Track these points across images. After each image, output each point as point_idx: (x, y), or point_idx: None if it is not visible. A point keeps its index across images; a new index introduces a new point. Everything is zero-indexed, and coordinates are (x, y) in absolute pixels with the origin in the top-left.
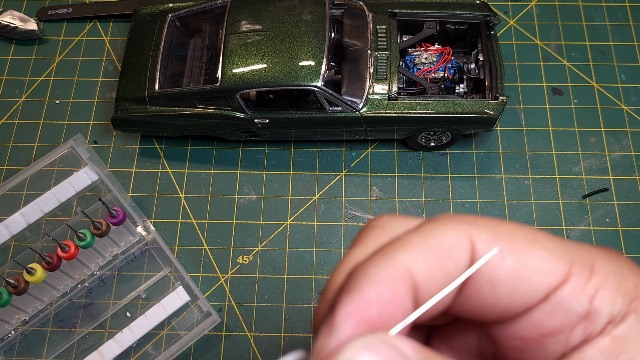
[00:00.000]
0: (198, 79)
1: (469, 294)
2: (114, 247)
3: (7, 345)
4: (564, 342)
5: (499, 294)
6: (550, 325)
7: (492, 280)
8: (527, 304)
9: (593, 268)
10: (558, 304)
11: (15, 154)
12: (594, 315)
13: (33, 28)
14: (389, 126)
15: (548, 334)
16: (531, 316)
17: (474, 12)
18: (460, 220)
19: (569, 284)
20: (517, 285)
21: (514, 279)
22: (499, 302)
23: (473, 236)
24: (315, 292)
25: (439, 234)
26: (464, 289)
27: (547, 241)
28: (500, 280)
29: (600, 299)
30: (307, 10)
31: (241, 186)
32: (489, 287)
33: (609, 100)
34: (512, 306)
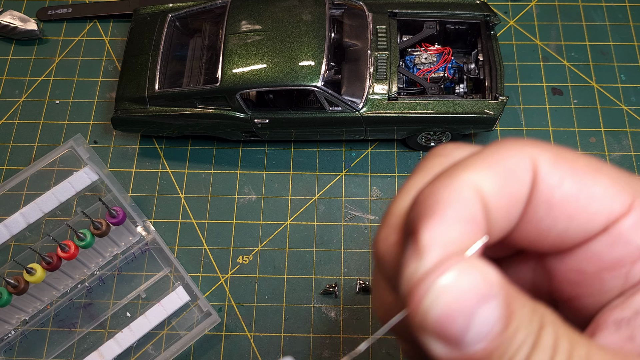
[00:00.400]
0: (198, 79)
1: (527, 217)
2: (114, 247)
3: (7, 345)
4: (623, 279)
5: (555, 217)
6: (610, 258)
7: (549, 202)
8: (585, 232)
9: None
10: (618, 235)
11: (15, 154)
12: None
13: (33, 28)
14: (389, 126)
15: (607, 268)
16: (589, 247)
17: (473, 12)
18: (523, 142)
19: (630, 216)
20: (575, 210)
21: (572, 202)
22: (555, 226)
23: (536, 157)
24: (315, 292)
25: (502, 154)
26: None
27: (611, 171)
28: (557, 202)
29: None
30: (307, 10)
31: (241, 186)
32: (545, 208)
33: (609, 100)
34: (569, 233)
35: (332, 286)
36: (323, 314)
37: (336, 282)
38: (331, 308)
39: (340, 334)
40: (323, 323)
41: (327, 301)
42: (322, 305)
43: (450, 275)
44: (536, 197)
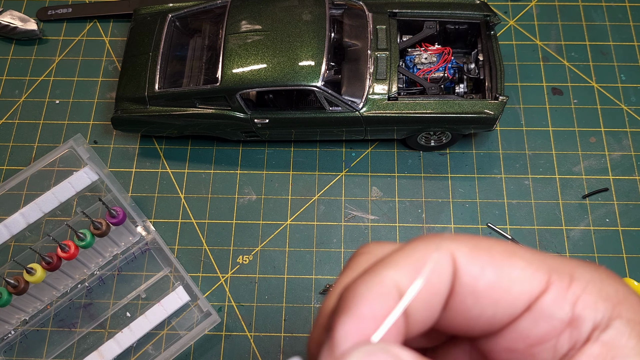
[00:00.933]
0: (198, 79)
1: (455, 306)
2: (114, 247)
3: (7, 345)
4: (552, 351)
5: (483, 304)
6: (537, 334)
7: (475, 292)
8: (511, 314)
9: (573, 276)
10: (541, 312)
11: (15, 154)
12: (578, 321)
13: (33, 28)
14: (389, 126)
15: (535, 343)
16: (517, 327)
17: (473, 12)
18: (440, 238)
19: (549, 292)
20: (499, 295)
21: (496, 289)
22: (483, 313)
23: (454, 250)
24: (315, 292)
25: (421, 251)
26: (449, 303)
27: (525, 253)
28: (482, 291)
29: (582, 305)
30: (307, 10)
31: (241, 186)
32: (472, 298)
33: (609, 100)
34: (497, 317)
35: (332, 286)
36: None
37: None
38: None
39: None
40: None
41: None
42: None
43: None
44: (460, 288)
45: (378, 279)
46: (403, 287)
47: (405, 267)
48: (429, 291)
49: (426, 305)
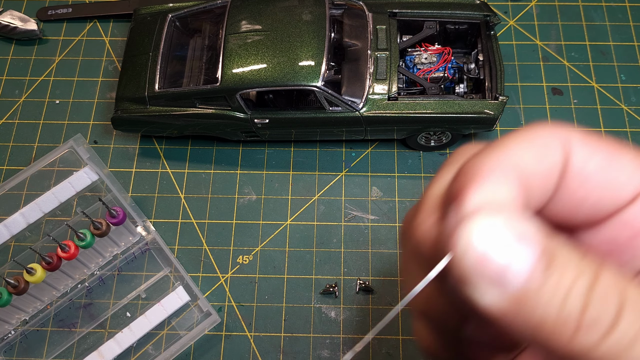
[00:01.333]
0: (198, 79)
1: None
2: (114, 247)
3: (7, 345)
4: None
5: (589, 187)
6: None
7: (582, 173)
8: (616, 201)
9: None
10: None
11: (15, 154)
12: None
13: (33, 28)
14: (389, 126)
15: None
16: (621, 217)
17: (473, 12)
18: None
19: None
20: (605, 180)
21: (603, 173)
22: (589, 195)
23: (566, 136)
24: (315, 292)
25: (535, 133)
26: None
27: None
28: (589, 174)
29: None
30: (307, 10)
31: (241, 186)
32: (580, 180)
33: (609, 100)
34: (602, 203)
35: (332, 286)
36: (323, 314)
37: (336, 282)
38: (331, 308)
39: (340, 334)
40: (323, 323)
41: (327, 301)
42: (322, 305)
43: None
44: (569, 171)
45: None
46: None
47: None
48: (544, 169)
49: (542, 183)
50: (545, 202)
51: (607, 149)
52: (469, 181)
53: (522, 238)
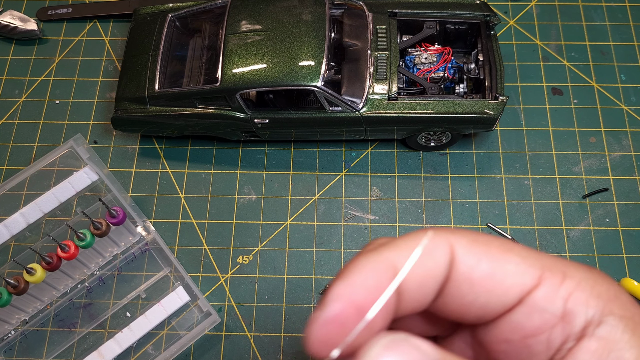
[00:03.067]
0: (198, 79)
1: (450, 291)
2: (114, 247)
3: (7, 345)
4: (546, 343)
5: (476, 292)
6: (530, 326)
7: (470, 280)
8: (504, 304)
9: (566, 274)
10: (534, 305)
11: (15, 154)
12: (570, 316)
13: (33, 28)
14: (389, 126)
15: (529, 335)
16: (511, 318)
17: (473, 12)
18: (443, 230)
19: (542, 287)
20: (492, 285)
21: (490, 279)
22: (476, 299)
23: (453, 242)
24: (315, 292)
25: (421, 238)
26: (446, 287)
27: (521, 250)
28: (476, 280)
29: (574, 301)
30: (307, 10)
31: (241, 186)
32: (467, 285)
33: (609, 100)
34: (490, 305)
35: None
36: None
37: None
38: None
39: None
40: None
41: None
42: None
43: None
44: (456, 276)
45: (376, 256)
46: (398, 267)
47: (404, 249)
48: (424, 274)
49: (420, 287)
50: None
51: (493, 253)
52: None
53: None
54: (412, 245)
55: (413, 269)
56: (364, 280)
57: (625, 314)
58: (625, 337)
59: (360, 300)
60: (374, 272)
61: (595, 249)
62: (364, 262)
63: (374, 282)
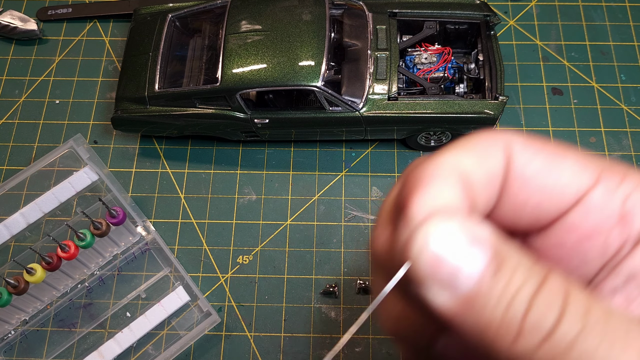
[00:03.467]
0: (198, 79)
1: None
2: (114, 247)
3: (7, 345)
4: (602, 247)
5: (530, 190)
6: (586, 227)
7: (523, 177)
8: (559, 204)
9: (625, 175)
10: (591, 205)
11: (15, 154)
12: (628, 217)
13: (33, 28)
14: (389, 126)
15: (585, 237)
16: (566, 220)
17: (473, 12)
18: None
19: (599, 186)
20: (547, 183)
21: (544, 176)
22: (530, 199)
23: (508, 140)
24: (315, 292)
25: (476, 140)
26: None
27: (576, 152)
28: (530, 177)
29: (633, 202)
30: (307, 10)
31: (241, 186)
32: (520, 183)
33: (609, 100)
34: (544, 206)
35: (332, 286)
36: (323, 314)
37: (336, 282)
38: (331, 308)
39: (340, 334)
40: (323, 323)
41: (327, 301)
42: (322, 305)
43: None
44: (511, 174)
45: (440, 161)
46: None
47: (464, 151)
48: (486, 172)
49: (485, 186)
50: (491, 205)
51: (548, 152)
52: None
53: (474, 241)
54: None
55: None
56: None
57: None
58: None
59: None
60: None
61: None
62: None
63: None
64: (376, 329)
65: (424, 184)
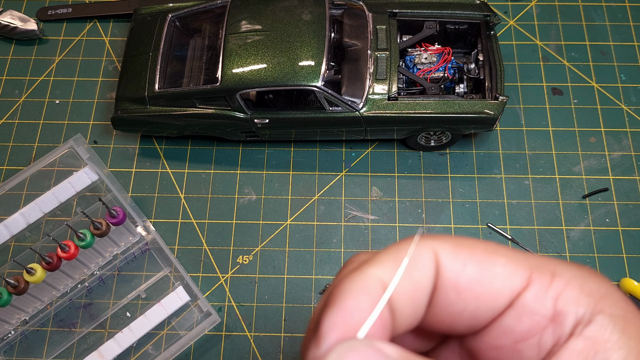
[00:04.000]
0: (198, 79)
1: (439, 302)
2: (114, 247)
3: (7, 345)
4: (537, 347)
5: (465, 299)
6: (520, 330)
7: (457, 287)
8: (493, 309)
9: (555, 273)
10: (523, 308)
11: (15, 154)
12: (560, 316)
13: (33, 28)
14: (389, 126)
15: (520, 339)
16: (500, 323)
17: (473, 12)
18: (424, 237)
19: (531, 288)
20: (480, 290)
21: (477, 284)
22: (466, 307)
23: (436, 248)
24: (315, 292)
25: (403, 248)
26: (433, 299)
27: (507, 251)
28: (464, 286)
29: (564, 301)
30: (307, 10)
31: (241, 186)
32: (454, 293)
33: (609, 100)
34: (480, 312)
35: None
36: None
37: None
38: None
39: None
40: None
41: None
42: None
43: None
44: (443, 284)
45: (362, 275)
46: (387, 282)
47: (388, 263)
48: (412, 287)
49: (411, 301)
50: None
51: (479, 256)
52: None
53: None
54: (395, 258)
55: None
56: (356, 303)
57: (616, 313)
58: (614, 337)
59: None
60: (363, 292)
61: (595, 249)
62: (351, 284)
63: (367, 303)
64: None
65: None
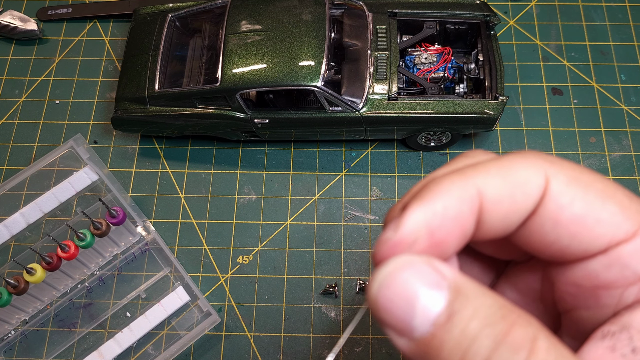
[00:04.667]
0: (198, 79)
1: (532, 227)
2: (114, 247)
3: (7, 345)
4: (617, 298)
5: (560, 234)
6: (605, 278)
7: (556, 219)
8: (585, 251)
9: None
10: (617, 259)
11: (15, 154)
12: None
13: (33, 28)
14: (389, 126)
15: (602, 286)
16: (587, 265)
17: (473, 12)
18: (542, 158)
19: (632, 242)
20: (579, 231)
21: (578, 223)
22: (557, 241)
23: (550, 175)
24: (315, 292)
25: (516, 165)
26: (527, 222)
27: (623, 197)
28: (563, 221)
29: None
30: (307, 10)
31: (241, 186)
32: (552, 225)
33: (609, 100)
34: (570, 249)
35: (332, 286)
36: (323, 314)
37: (336, 282)
38: (331, 308)
39: (340, 334)
40: (323, 323)
41: (327, 301)
42: (322, 305)
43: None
44: (543, 212)
45: (464, 180)
46: (487, 195)
47: (494, 178)
48: (510, 207)
49: (503, 217)
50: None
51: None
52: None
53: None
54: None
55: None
56: (446, 208)
57: None
58: None
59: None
60: (457, 199)
61: None
62: (448, 185)
63: (456, 212)
64: (376, 329)
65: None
